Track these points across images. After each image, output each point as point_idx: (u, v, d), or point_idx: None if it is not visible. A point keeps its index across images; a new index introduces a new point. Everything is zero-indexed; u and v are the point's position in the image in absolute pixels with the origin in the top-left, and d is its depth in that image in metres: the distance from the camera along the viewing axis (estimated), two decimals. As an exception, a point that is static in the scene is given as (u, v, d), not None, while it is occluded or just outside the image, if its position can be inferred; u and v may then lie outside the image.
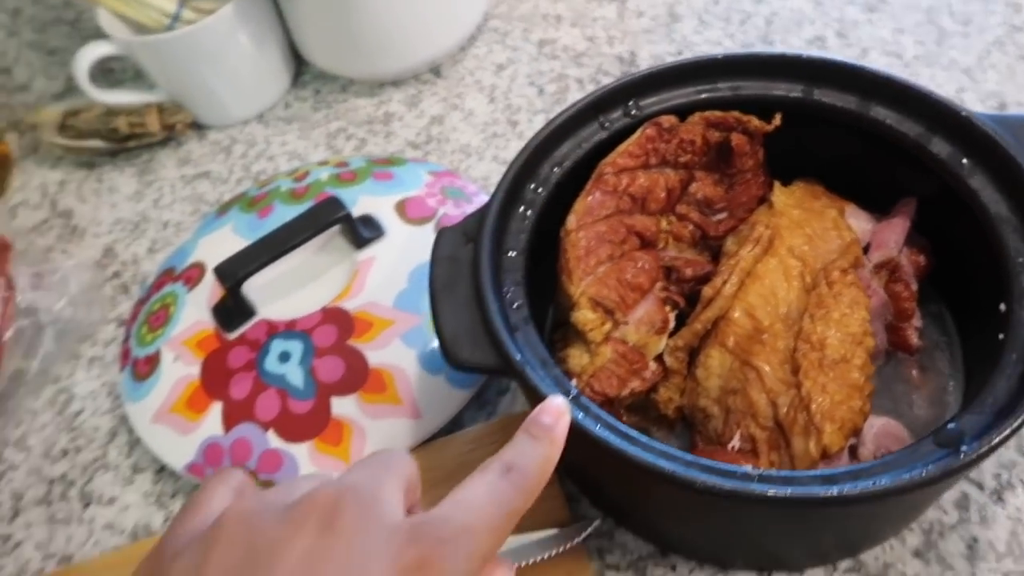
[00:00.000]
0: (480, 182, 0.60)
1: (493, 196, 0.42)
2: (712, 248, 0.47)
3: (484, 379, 0.49)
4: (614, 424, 0.34)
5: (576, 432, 0.33)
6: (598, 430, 0.33)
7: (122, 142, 0.67)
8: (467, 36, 0.68)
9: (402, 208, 0.55)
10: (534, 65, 0.67)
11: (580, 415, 0.34)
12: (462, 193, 0.57)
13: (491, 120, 0.64)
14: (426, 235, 0.53)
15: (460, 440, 0.47)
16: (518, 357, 0.36)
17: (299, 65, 0.71)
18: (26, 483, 0.51)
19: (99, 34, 0.71)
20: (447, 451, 0.46)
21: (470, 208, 0.55)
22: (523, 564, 0.39)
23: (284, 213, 0.56)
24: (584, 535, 0.40)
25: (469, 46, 0.69)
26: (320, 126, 0.67)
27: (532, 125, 0.63)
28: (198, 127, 0.68)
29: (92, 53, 0.61)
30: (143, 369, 0.51)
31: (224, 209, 0.59)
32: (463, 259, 0.41)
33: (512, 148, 0.62)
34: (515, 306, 0.39)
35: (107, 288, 0.60)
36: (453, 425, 0.47)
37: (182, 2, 0.64)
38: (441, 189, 0.57)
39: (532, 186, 0.43)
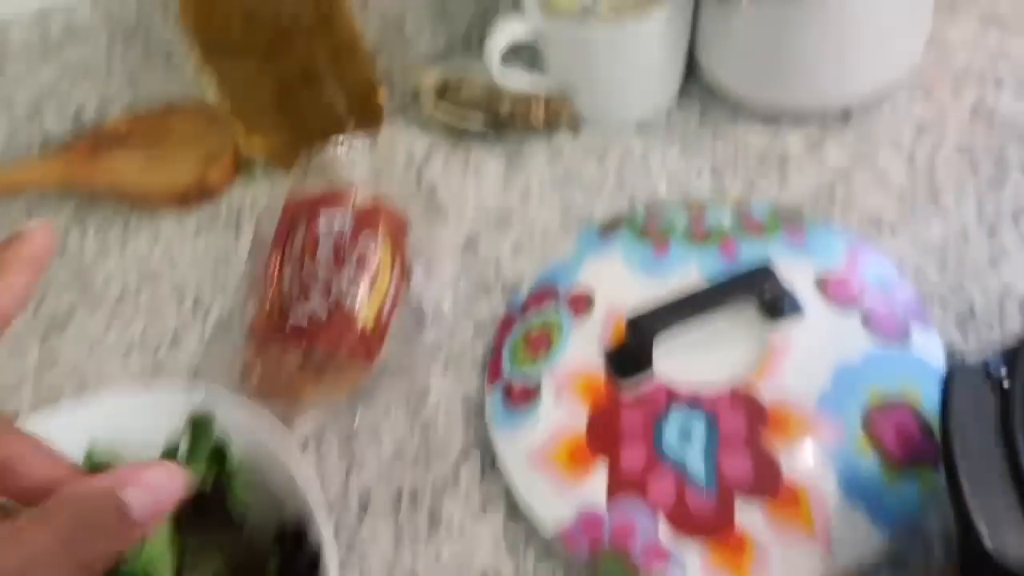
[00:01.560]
0: (897, 264, 0.50)
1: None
2: None
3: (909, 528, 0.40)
4: None
5: None
6: None
7: (501, 126, 0.62)
8: (892, 81, 0.57)
9: (822, 285, 0.46)
10: (966, 134, 0.55)
11: None
12: (887, 280, 0.47)
13: (908, 189, 0.53)
14: (849, 325, 0.44)
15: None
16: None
17: (685, 79, 0.62)
18: (376, 483, 0.47)
19: (492, 8, 0.66)
20: (852, 596, 0.38)
21: (898, 302, 0.46)
22: None
23: (682, 256, 0.48)
24: None
25: (886, 94, 0.58)
26: (704, 152, 0.59)
27: (960, 208, 0.51)
28: (572, 123, 0.62)
29: (509, 33, 0.55)
30: (520, 397, 0.46)
31: (609, 229, 0.53)
32: (990, 411, 0.32)
33: (935, 230, 0.51)
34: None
35: (470, 285, 0.55)
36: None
37: None
38: (862, 269, 0.47)
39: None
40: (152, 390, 0.45)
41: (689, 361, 0.44)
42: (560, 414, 0.44)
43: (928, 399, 0.41)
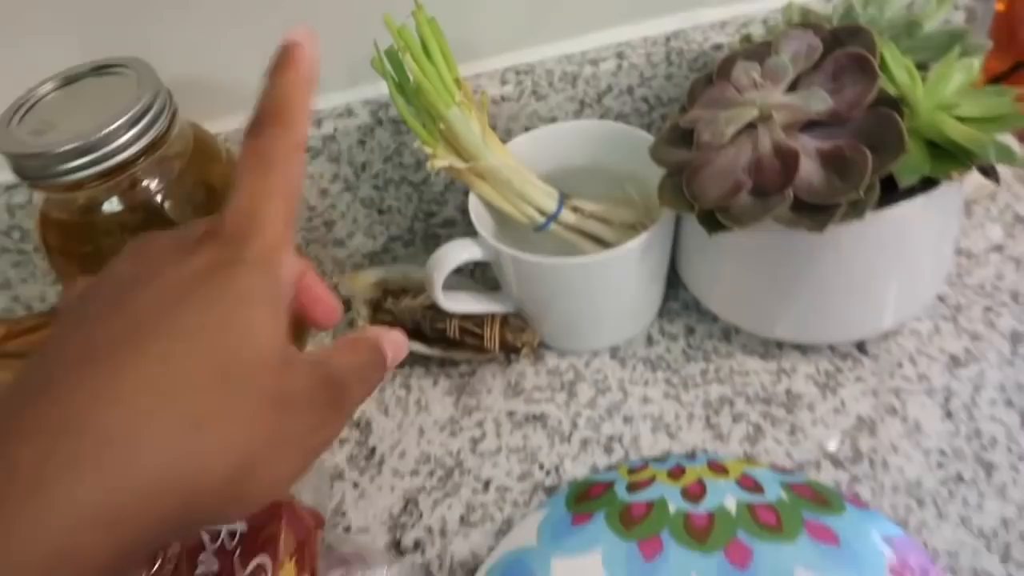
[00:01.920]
0: (944, 560, 0.39)
1: None
2: None
3: None
4: None
5: None
6: None
7: (446, 348, 0.51)
8: (913, 313, 0.47)
9: (866, 617, 0.34)
10: (1008, 372, 0.46)
11: None
12: (946, 600, 0.36)
13: (951, 450, 0.43)
14: None
15: None
16: None
17: (668, 287, 0.52)
18: None
19: (438, 201, 0.56)
20: None
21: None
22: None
23: (679, 563, 0.37)
24: None
25: (906, 324, 0.48)
26: (695, 386, 0.48)
27: (1019, 476, 0.41)
28: (533, 351, 0.51)
29: (457, 257, 0.45)
30: None
31: (582, 507, 0.41)
32: None
33: (989, 511, 0.40)
34: None
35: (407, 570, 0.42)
36: None
37: (563, 200, 0.47)
38: (913, 584, 0.36)
39: None
40: None
41: None
42: None
43: None
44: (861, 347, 0.48)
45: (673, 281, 0.52)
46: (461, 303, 0.48)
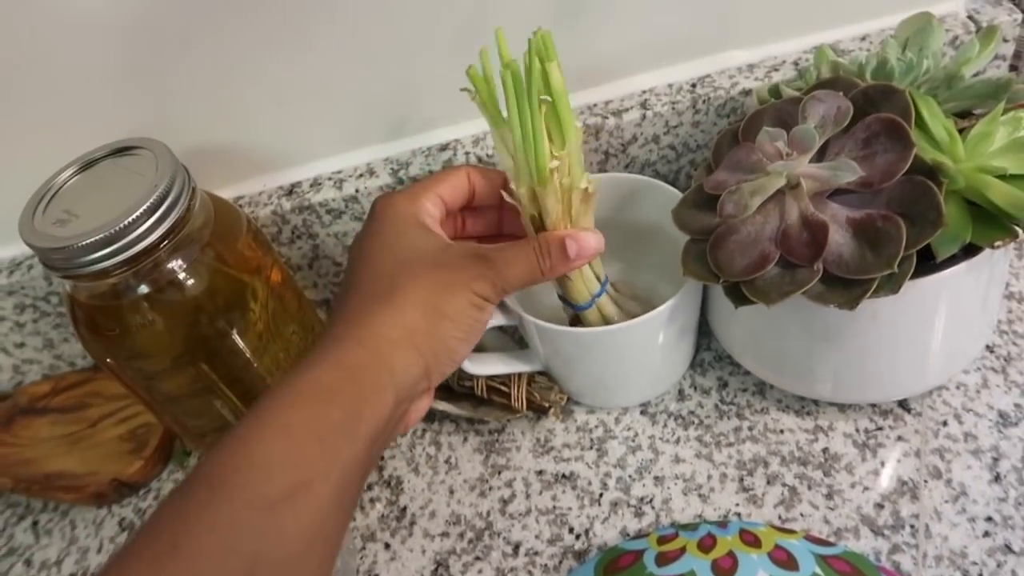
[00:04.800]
0: (994, 643, 0.37)
1: None
2: None
3: None
4: None
5: None
6: None
7: (474, 406, 0.50)
8: (962, 368, 0.45)
9: None
10: (1063, 431, 0.43)
11: None
12: None
13: (1000, 518, 0.40)
14: None
15: None
16: None
17: (699, 337, 0.51)
18: None
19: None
20: None
21: None
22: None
23: (710, 649, 0.36)
24: None
25: (951, 379, 0.46)
26: (728, 444, 0.46)
27: (1073, 549, 0.39)
28: (561, 410, 0.50)
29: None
30: None
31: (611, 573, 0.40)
32: None
33: (1042, 587, 0.38)
34: None
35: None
36: None
37: (606, 284, 0.45)
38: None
39: None
40: None
41: None
42: None
43: None
44: (903, 403, 0.46)
45: (705, 330, 0.50)
46: (486, 366, 0.47)
